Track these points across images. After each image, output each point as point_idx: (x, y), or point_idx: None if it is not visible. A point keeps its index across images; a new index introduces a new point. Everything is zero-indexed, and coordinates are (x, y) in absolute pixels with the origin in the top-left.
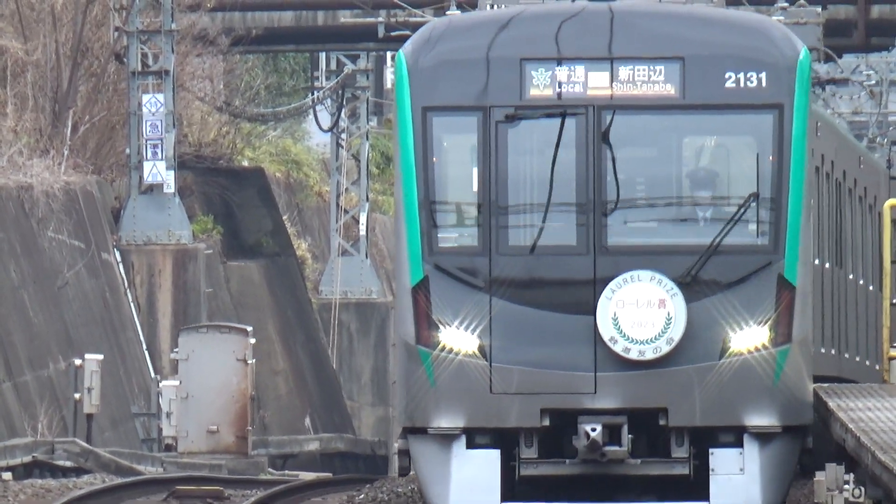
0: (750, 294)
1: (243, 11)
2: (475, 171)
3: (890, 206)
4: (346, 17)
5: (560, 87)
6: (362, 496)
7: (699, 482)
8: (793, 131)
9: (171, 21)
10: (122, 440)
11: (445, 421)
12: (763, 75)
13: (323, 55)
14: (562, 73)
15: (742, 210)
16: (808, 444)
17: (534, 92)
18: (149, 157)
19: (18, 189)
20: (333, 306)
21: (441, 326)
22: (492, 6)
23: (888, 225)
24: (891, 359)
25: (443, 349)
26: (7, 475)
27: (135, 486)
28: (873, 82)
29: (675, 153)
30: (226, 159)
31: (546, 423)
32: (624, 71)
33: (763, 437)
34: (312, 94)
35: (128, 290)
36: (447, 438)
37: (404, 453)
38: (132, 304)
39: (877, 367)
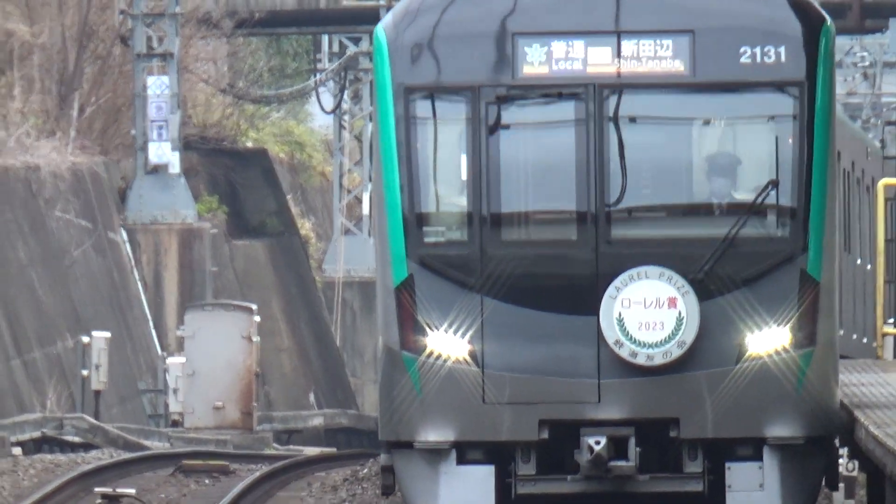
0: (770, 291)
1: None
2: (464, 157)
3: (884, 185)
4: (348, 0)
5: (557, 64)
6: (366, 470)
7: (714, 500)
8: (816, 111)
9: (176, 4)
10: (130, 416)
11: (433, 434)
12: (783, 49)
13: (325, 38)
14: (559, 48)
15: (760, 199)
16: (835, 456)
17: (528, 70)
18: (154, 139)
19: (26, 170)
20: (337, 284)
21: (428, 330)
22: None
23: (882, 204)
24: (884, 335)
25: (430, 355)
26: (17, 450)
27: (142, 461)
28: (867, 64)
29: (686, 136)
30: (230, 140)
31: (545, 435)
32: (628, 46)
33: (785, 449)
34: (315, 76)
35: (134, 269)
36: (435, 454)
37: (388, 470)
38: (139, 283)
39: (873, 345)
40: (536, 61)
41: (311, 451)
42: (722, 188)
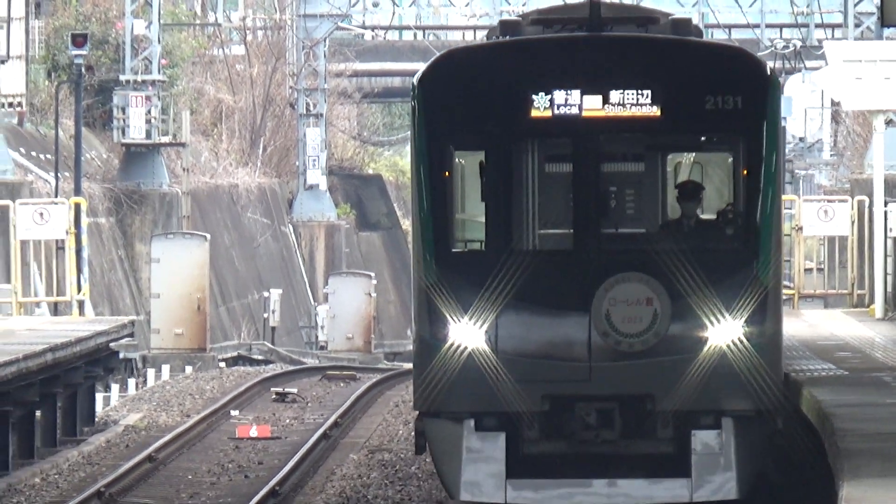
0: (728, 293)
1: (369, 77)
2: (482, 183)
3: None
4: None
5: (558, 108)
6: None
7: (681, 460)
8: (765, 147)
9: (324, 83)
10: (294, 343)
11: (457, 406)
12: (739, 98)
13: None
14: (559, 96)
15: (721, 218)
16: (779, 425)
17: (534, 113)
18: (310, 168)
19: (229, 186)
20: None
21: (452, 322)
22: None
23: None
24: None
25: (454, 342)
26: (222, 364)
27: (301, 371)
28: None
29: (661, 167)
30: (357, 169)
31: (546, 407)
32: (615, 94)
33: (738, 420)
34: None
35: (297, 250)
36: (458, 421)
37: (420, 433)
38: (299, 259)
39: None
40: (542, 106)
41: (408, 366)
42: (690, 209)
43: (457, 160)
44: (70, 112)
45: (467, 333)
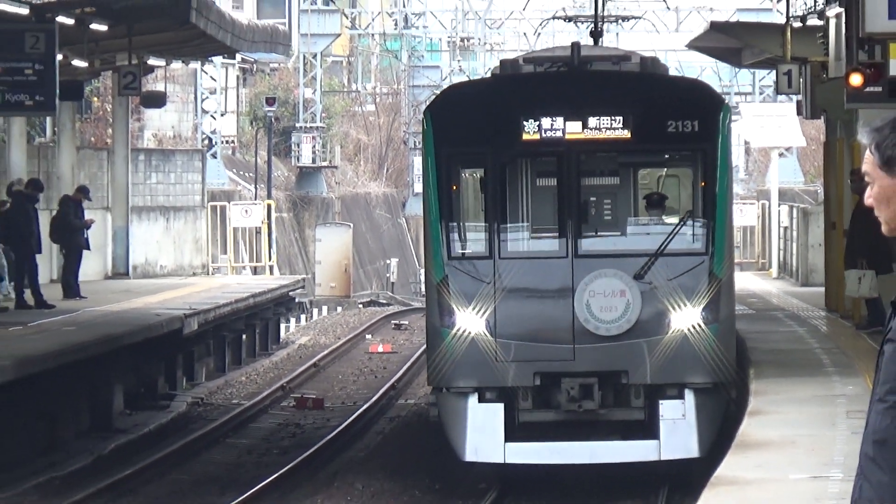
0: (688, 285)
1: None
2: (483, 195)
3: None
4: None
5: (545, 133)
6: None
7: (651, 425)
8: (718, 164)
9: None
10: (405, 293)
11: (462, 382)
12: (696, 122)
13: None
14: (546, 122)
15: (681, 223)
16: (733, 395)
17: (526, 136)
18: (416, 182)
19: (365, 194)
20: None
21: (458, 311)
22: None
23: None
24: None
25: (459, 328)
26: (360, 305)
27: (410, 311)
28: None
29: (631, 181)
30: None
31: (537, 382)
32: (592, 120)
33: (699, 391)
34: None
35: (407, 234)
36: (463, 395)
37: (433, 406)
38: (410, 240)
39: None
40: (532, 130)
41: None
42: (656, 216)
43: (462, 176)
44: (264, 146)
45: (471, 321)
